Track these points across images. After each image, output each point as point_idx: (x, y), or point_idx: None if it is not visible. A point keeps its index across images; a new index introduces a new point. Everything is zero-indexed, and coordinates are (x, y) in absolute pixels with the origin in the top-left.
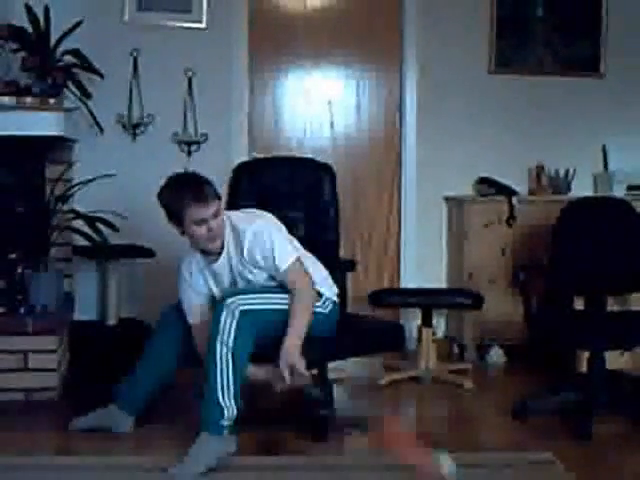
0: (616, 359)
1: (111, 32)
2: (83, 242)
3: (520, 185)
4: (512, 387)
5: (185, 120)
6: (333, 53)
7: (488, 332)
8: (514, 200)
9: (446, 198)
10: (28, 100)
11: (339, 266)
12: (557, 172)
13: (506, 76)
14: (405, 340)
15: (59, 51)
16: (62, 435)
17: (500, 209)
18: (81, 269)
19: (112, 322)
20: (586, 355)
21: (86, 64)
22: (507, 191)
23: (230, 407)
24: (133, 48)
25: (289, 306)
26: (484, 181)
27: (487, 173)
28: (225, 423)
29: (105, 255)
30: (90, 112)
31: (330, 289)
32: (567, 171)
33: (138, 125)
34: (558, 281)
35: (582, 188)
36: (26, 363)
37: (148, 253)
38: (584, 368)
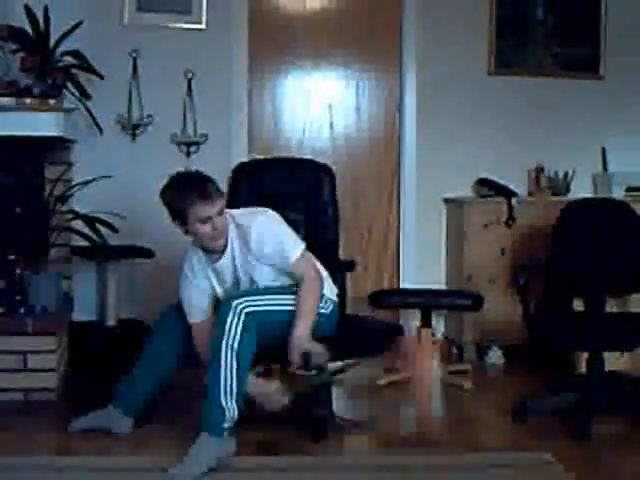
0: (615, 360)
1: (111, 33)
2: (82, 242)
3: (519, 186)
4: (511, 388)
5: (185, 121)
6: (333, 54)
7: (487, 333)
8: (513, 201)
9: (445, 199)
10: (28, 101)
11: (338, 267)
12: (556, 173)
13: (506, 77)
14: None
15: (59, 52)
16: (61, 435)
17: (499, 210)
18: (80, 270)
19: (111, 323)
20: (585, 356)
21: (86, 65)
22: (506, 192)
23: (232, 409)
24: (133, 49)
25: (295, 302)
26: (483, 182)
27: (486, 174)
28: (226, 425)
29: (104, 256)
30: (89, 113)
31: (330, 289)
32: (566, 172)
33: (137, 126)
34: (557, 282)
35: (581, 189)
36: (25, 363)
37: (147, 254)
38: (583, 369)
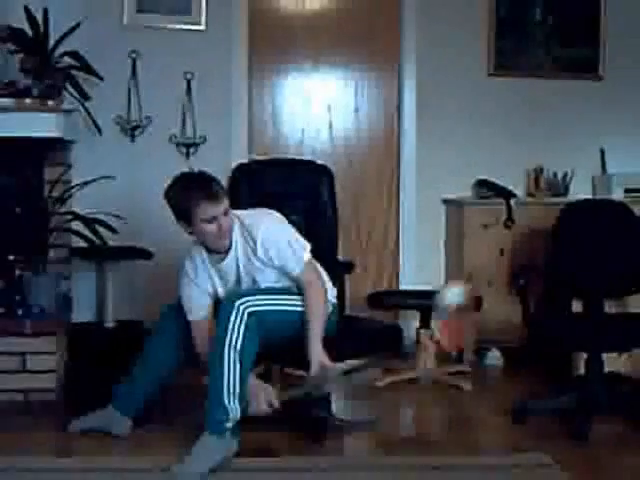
0: (614, 361)
1: (110, 33)
2: (82, 243)
3: (519, 187)
4: (511, 389)
5: (184, 122)
6: (332, 54)
7: (487, 334)
8: (513, 202)
9: (445, 200)
10: (27, 101)
11: (337, 268)
12: (555, 174)
13: (505, 78)
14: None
15: (58, 52)
16: (61, 436)
17: (499, 211)
18: (80, 270)
19: (110, 323)
20: (584, 357)
21: (85, 66)
22: (506, 193)
23: (234, 408)
24: (132, 50)
25: (299, 304)
26: (483, 183)
27: (486, 175)
28: (229, 425)
29: (103, 257)
30: (89, 113)
31: (330, 292)
32: (565, 173)
33: (137, 127)
34: (556, 283)
35: (580, 190)
36: (24, 364)
37: (146, 255)
38: (582, 370)
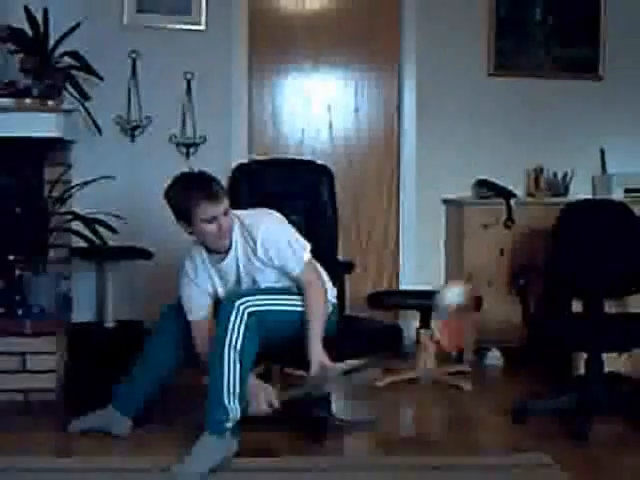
0: (614, 361)
1: (110, 33)
2: (82, 243)
3: (519, 187)
4: (511, 389)
5: (184, 122)
6: (332, 55)
7: (486, 334)
8: (513, 202)
9: (445, 200)
10: (27, 101)
11: (337, 268)
12: (555, 174)
13: (505, 78)
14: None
15: (58, 52)
16: (61, 436)
17: (499, 211)
18: (79, 270)
19: (110, 324)
20: (584, 357)
21: (85, 66)
22: (506, 193)
23: (234, 408)
24: (132, 50)
25: (299, 305)
26: (483, 183)
27: (486, 175)
28: (229, 425)
29: (103, 257)
30: (89, 113)
31: (330, 292)
32: (565, 173)
33: (137, 127)
34: (556, 283)
35: (580, 190)
36: (24, 365)
37: (146, 255)
38: (582, 370)
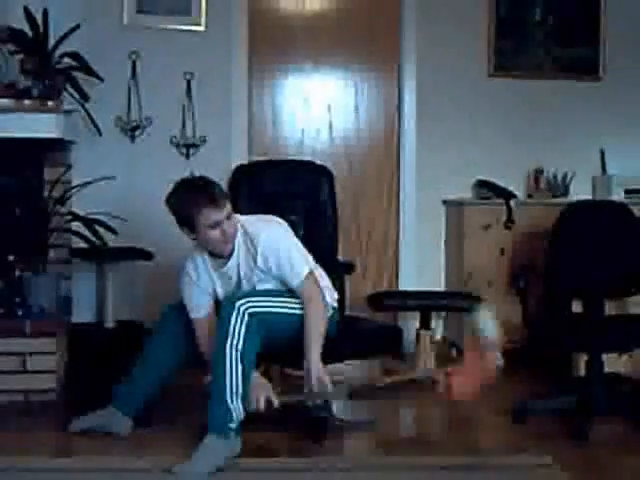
0: (614, 361)
1: (110, 34)
2: (82, 244)
3: (519, 188)
4: (511, 389)
5: (184, 122)
6: (332, 55)
7: None
8: (513, 203)
9: (445, 201)
10: (27, 102)
11: (337, 269)
12: (555, 175)
13: (505, 79)
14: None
15: (58, 53)
16: (61, 436)
17: (499, 212)
18: (80, 271)
19: (110, 324)
20: (584, 358)
21: (85, 66)
22: (506, 194)
23: (237, 409)
24: (132, 51)
25: (302, 317)
26: (483, 184)
27: (486, 176)
28: (232, 425)
29: (103, 257)
30: (89, 114)
31: (331, 295)
32: (565, 174)
33: (137, 127)
34: (556, 284)
35: (580, 191)
36: (25, 365)
37: (146, 255)
38: (582, 371)
